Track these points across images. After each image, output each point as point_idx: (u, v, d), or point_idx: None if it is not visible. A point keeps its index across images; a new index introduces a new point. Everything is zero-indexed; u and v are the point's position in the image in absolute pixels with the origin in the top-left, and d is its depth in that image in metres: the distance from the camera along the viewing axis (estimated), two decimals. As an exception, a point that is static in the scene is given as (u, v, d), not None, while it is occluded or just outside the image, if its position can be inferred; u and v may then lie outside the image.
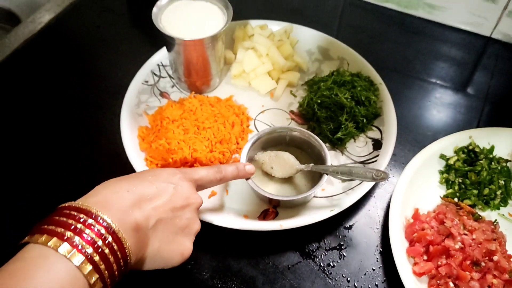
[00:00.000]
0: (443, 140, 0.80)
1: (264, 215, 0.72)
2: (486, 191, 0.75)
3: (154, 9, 0.79)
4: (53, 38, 0.99)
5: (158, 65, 0.90)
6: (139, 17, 1.07)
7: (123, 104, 0.82)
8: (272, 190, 0.73)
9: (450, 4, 0.99)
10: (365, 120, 0.81)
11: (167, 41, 0.80)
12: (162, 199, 0.55)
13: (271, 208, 0.73)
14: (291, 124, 0.85)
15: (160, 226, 0.54)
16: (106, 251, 0.46)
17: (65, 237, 0.44)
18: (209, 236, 0.71)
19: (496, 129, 0.81)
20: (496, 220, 0.72)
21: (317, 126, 0.81)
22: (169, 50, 0.82)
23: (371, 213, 0.75)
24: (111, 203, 0.49)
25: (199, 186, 0.62)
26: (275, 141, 0.77)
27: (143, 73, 0.88)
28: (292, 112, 0.87)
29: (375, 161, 0.78)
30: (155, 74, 0.89)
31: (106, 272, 0.46)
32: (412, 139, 0.84)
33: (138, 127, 0.81)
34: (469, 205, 0.74)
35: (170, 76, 0.90)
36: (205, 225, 0.69)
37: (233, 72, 0.89)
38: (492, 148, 0.80)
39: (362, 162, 0.79)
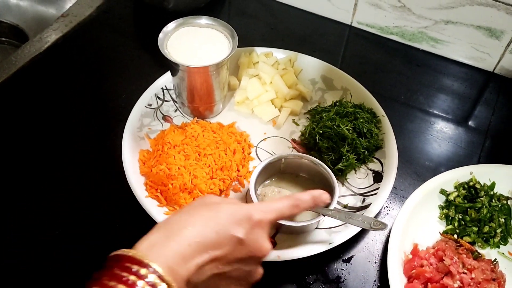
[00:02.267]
0: (444, 175, 0.80)
1: (262, 245, 0.72)
2: (486, 228, 0.74)
3: (160, 35, 0.79)
4: (59, 57, 1.00)
5: (162, 88, 0.90)
6: (146, 39, 1.08)
7: (126, 127, 0.82)
8: None
9: (453, 38, 1.00)
10: (366, 152, 0.81)
11: (171, 67, 0.81)
12: (223, 252, 0.50)
13: (270, 238, 0.73)
14: (292, 153, 0.85)
15: (212, 279, 0.50)
16: None
17: None
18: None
19: (497, 166, 0.81)
20: (495, 259, 0.71)
21: (319, 156, 0.81)
22: (173, 75, 0.83)
23: (370, 246, 0.75)
24: (169, 255, 0.47)
25: (276, 223, 0.58)
26: (270, 169, 0.77)
27: (147, 96, 0.88)
28: (293, 140, 0.87)
29: (376, 193, 0.77)
30: (159, 98, 0.89)
31: None
32: (413, 172, 0.84)
33: (139, 150, 0.81)
34: (469, 242, 0.73)
35: (173, 100, 0.90)
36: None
37: (236, 99, 0.89)
38: (493, 184, 0.80)
39: (362, 194, 0.79)
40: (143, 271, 0.44)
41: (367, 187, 0.79)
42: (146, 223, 0.71)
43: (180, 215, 0.51)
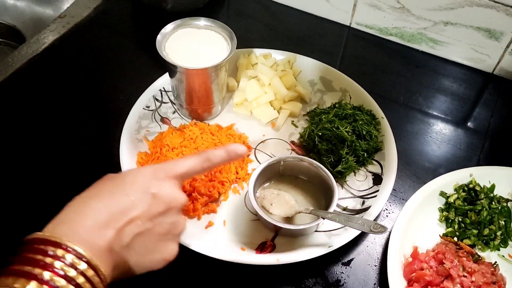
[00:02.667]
0: (444, 177, 0.79)
1: (261, 248, 0.72)
2: (486, 231, 0.74)
3: (158, 37, 0.79)
4: (57, 59, 0.99)
5: (160, 90, 0.90)
6: (144, 40, 1.07)
7: (124, 129, 0.82)
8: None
9: (453, 40, 1.00)
10: (365, 154, 0.81)
11: (170, 68, 0.80)
12: (139, 210, 0.50)
13: (269, 241, 0.72)
14: (291, 155, 0.84)
15: (137, 240, 0.50)
16: (80, 280, 0.44)
17: (34, 275, 0.42)
18: (204, 268, 0.70)
19: (496, 168, 0.81)
20: (496, 262, 0.71)
21: (318, 158, 0.81)
22: (171, 76, 0.82)
23: (370, 249, 0.74)
24: (80, 228, 0.46)
25: (186, 178, 0.58)
26: (269, 171, 0.77)
27: (145, 98, 0.87)
28: (292, 142, 0.86)
29: (375, 196, 0.77)
30: (157, 100, 0.89)
31: None
32: (412, 174, 0.84)
33: (137, 152, 0.80)
34: (469, 245, 0.73)
35: (171, 102, 0.89)
36: (200, 257, 0.68)
37: (235, 100, 0.89)
38: (493, 187, 0.79)
39: (361, 197, 0.78)
40: (59, 252, 0.44)
41: (367, 190, 0.79)
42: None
43: (85, 193, 0.51)
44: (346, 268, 0.72)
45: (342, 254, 0.73)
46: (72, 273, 0.43)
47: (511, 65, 0.99)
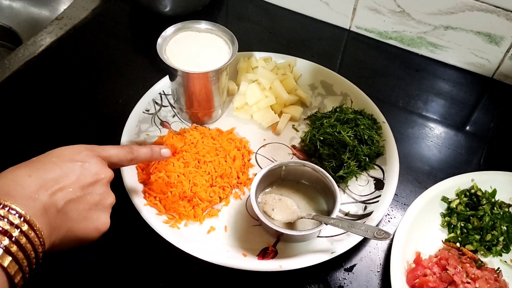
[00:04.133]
0: (445, 182, 0.79)
1: (263, 254, 0.71)
2: (488, 237, 0.74)
3: (159, 40, 0.78)
4: (54, 61, 0.98)
5: (160, 93, 0.89)
6: (143, 43, 1.06)
7: (123, 133, 0.81)
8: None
9: (453, 44, 1.00)
10: (367, 159, 0.80)
11: (170, 72, 0.79)
12: (69, 179, 0.54)
13: (271, 246, 0.72)
14: (293, 159, 0.84)
15: (70, 206, 0.53)
16: (23, 240, 0.45)
17: None
18: (205, 274, 0.69)
19: (498, 173, 0.81)
20: (499, 268, 0.71)
21: (319, 163, 0.80)
22: (171, 80, 0.82)
23: (372, 255, 0.74)
24: (15, 191, 0.48)
25: (110, 164, 0.61)
26: (271, 176, 0.76)
27: (145, 101, 0.87)
28: (294, 147, 0.86)
29: (377, 201, 0.77)
30: (157, 103, 0.88)
31: (24, 261, 0.45)
32: (414, 179, 0.84)
33: (137, 157, 0.79)
34: (471, 251, 0.73)
35: (171, 105, 0.89)
36: (202, 262, 0.68)
37: (235, 104, 0.88)
38: (494, 192, 0.79)
39: (363, 202, 0.78)
40: (2, 212, 0.45)
41: (369, 195, 0.79)
42: (144, 231, 0.71)
43: (15, 166, 0.53)
44: (348, 274, 0.72)
45: (344, 260, 0.73)
46: (15, 233, 0.44)
47: (511, 70, 0.99)
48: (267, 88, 0.88)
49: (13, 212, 0.46)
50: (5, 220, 0.45)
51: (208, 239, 0.73)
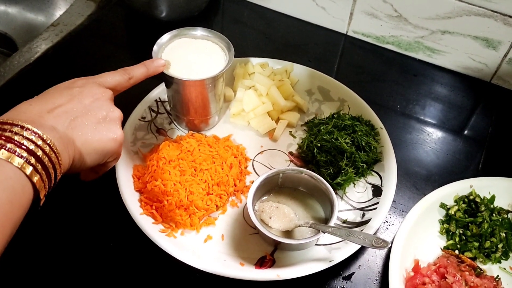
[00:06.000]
0: (444, 189, 0.79)
1: (260, 263, 0.70)
2: (487, 244, 0.73)
3: (155, 47, 0.77)
4: (50, 68, 0.97)
5: (156, 100, 0.88)
6: (139, 49, 1.06)
7: (119, 141, 0.80)
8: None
9: (450, 48, 1.00)
10: (365, 166, 0.80)
11: (166, 79, 0.79)
12: (70, 102, 0.58)
13: (268, 255, 0.71)
14: (290, 166, 0.83)
15: (77, 122, 0.57)
16: (39, 153, 0.49)
17: (10, 150, 0.47)
18: (202, 284, 0.69)
19: (496, 178, 0.80)
20: (498, 275, 0.70)
21: (317, 169, 0.80)
22: (168, 87, 0.81)
23: (370, 263, 0.73)
24: (26, 115, 0.53)
25: (106, 87, 0.64)
26: (268, 184, 0.76)
27: (140, 109, 0.86)
28: (291, 153, 0.85)
29: (375, 208, 0.76)
30: (153, 110, 0.87)
31: (43, 173, 0.49)
32: (412, 186, 0.83)
33: (133, 165, 0.79)
34: (470, 258, 0.72)
35: (168, 112, 0.88)
36: (199, 272, 0.67)
37: (232, 111, 0.88)
38: (493, 198, 0.79)
39: (361, 209, 0.77)
40: (17, 129, 0.49)
41: (367, 202, 0.78)
42: (141, 241, 0.70)
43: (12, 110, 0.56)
44: (347, 282, 0.71)
45: (342, 268, 0.72)
46: (31, 147, 0.49)
47: (509, 74, 0.98)
48: (264, 94, 0.88)
49: (28, 130, 0.50)
50: (23, 135, 0.49)
51: (205, 248, 0.72)
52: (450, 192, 0.78)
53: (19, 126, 0.50)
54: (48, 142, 0.51)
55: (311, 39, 1.09)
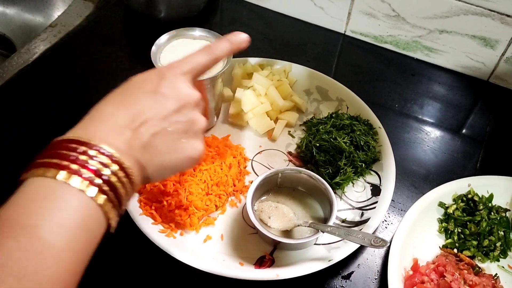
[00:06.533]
0: (442, 188, 0.79)
1: (260, 263, 0.70)
2: (486, 242, 0.74)
3: (153, 48, 0.78)
4: (48, 69, 0.98)
5: (154, 101, 0.88)
6: (138, 49, 1.06)
7: (118, 142, 0.80)
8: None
9: (448, 48, 1.00)
10: (363, 165, 0.80)
11: (165, 80, 0.79)
12: (151, 111, 0.49)
13: (268, 255, 0.71)
14: (289, 166, 0.84)
15: (156, 139, 0.50)
16: (113, 179, 0.44)
17: (73, 170, 0.42)
18: (202, 284, 0.69)
19: (494, 177, 0.81)
20: (496, 274, 0.71)
21: (315, 169, 0.80)
22: (166, 87, 0.81)
23: (369, 262, 0.74)
24: (99, 132, 0.47)
25: (196, 75, 0.56)
26: (267, 183, 0.76)
27: (139, 109, 0.86)
28: (290, 153, 0.86)
29: (374, 207, 0.76)
30: (152, 111, 0.87)
31: (115, 200, 0.44)
32: (410, 185, 0.83)
33: (132, 165, 0.79)
34: (469, 256, 0.73)
35: (166, 113, 0.88)
36: (198, 272, 0.67)
37: (231, 111, 0.88)
38: (491, 196, 0.79)
39: (360, 208, 0.78)
40: (92, 152, 0.43)
41: (365, 201, 0.78)
42: (140, 241, 0.70)
43: (98, 104, 0.51)
44: (346, 281, 0.71)
45: (341, 267, 0.72)
46: (105, 172, 0.43)
47: (506, 73, 0.99)
48: (262, 94, 0.88)
49: (104, 152, 0.44)
50: (97, 159, 0.43)
51: (205, 248, 0.72)
52: (449, 191, 0.79)
53: (96, 148, 0.44)
54: (124, 166, 0.45)
55: (310, 39, 1.09)
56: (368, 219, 0.75)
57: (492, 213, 0.77)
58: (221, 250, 0.72)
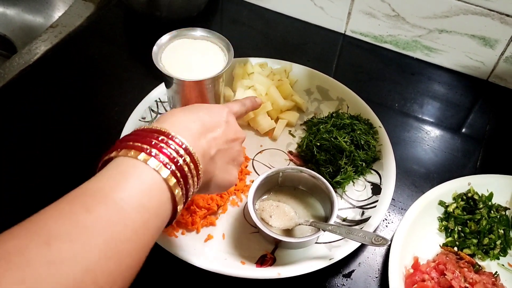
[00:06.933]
0: (442, 186, 0.79)
1: (261, 261, 0.71)
2: (486, 240, 0.74)
3: (154, 48, 0.78)
4: (49, 69, 0.98)
5: (156, 101, 0.89)
6: (139, 49, 1.06)
7: (120, 141, 0.80)
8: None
9: (447, 47, 1.00)
10: (364, 164, 0.80)
11: (166, 80, 0.79)
12: (219, 131, 0.58)
13: (269, 254, 0.72)
14: (289, 165, 0.84)
15: (218, 156, 0.58)
16: (186, 169, 0.49)
17: (152, 153, 0.47)
18: (204, 283, 0.69)
19: (494, 176, 0.81)
20: (496, 272, 0.71)
21: (316, 168, 0.80)
22: (167, 87, 0.81)
23: (370, 260, 0.74)
24: (183, 129, 0.52)
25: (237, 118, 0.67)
26: (268, 183, 0.77)
27: (141, 109, 0.86)
28: (290, 152, 0.86)
29: (375, 206, 0.77)
30: (153, 111, 0.88)
31: (184, 189, 0.49)
32: (411, 184, 0.84)
33: (134, 165, 0.79)
34: (469, 255, 0.73)
35: (167, 113, 0.88)
36: (200, 271, 0.68)
37: (231, 110, 0.88)
38: (491, 195, 0.80)
39: (361, 207, 0.78)
40: (170, 141, 0.49)
41: (366, 200, 0.79)
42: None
43: (180, 110, 0.57)
44: (347, 280, 0.72)
45: (342, 265, 0.73)
46: (180, 160, 0.49)
47: (506, 72, 0.99)
48: (263, 94, 0.88)
49: (181, 144, 0.50)
50: (173, 148, 0.49)
51: (206, 247, 0.72)
52: (449, 190, 0.79)
53: (176, 139, 0.50)
54: (197, 163, 0.51)
55: (310, 39, 1.10)
56: (369, 218, 0.75)
57: (492, 212, 0.77)
58: (222, 249, 0.72)
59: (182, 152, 0.49)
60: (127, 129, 0.83)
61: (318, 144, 0.81)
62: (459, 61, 1.02)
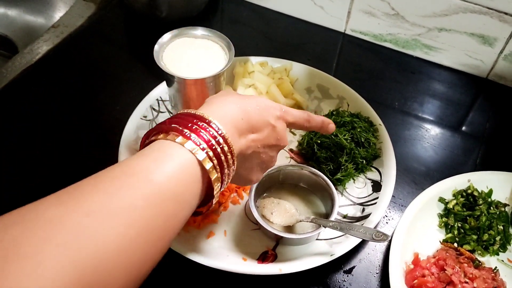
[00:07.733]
0: (442, 183, 0.80)
1: (263, 258, 0.71)
2: (485, 236, 0.75)
3: (156, 47, 0.78)
4: (51, 69, 0.98)
5: (157, 99, 0.89)
6: (140, 49, 1.07)
7: (121, 140, 0.81)
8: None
9: (447, 46, 1.01)
10: (364, 162, 0.81)
11: (167, 78, 0.80)
12: (261, 134, 0.58)
13: (270, 250, 0.72)
14: (290, 163, 0.84)
15: (251, 157, 0.59)
16: (222, 156, 0.51)
17: (189, 136, 0.49)
18: (206, 279, 0.70)
19: (494, 172, 0.82)
20: (496, 267, 0.72)
21: (317, 166, 0.81)
22: (169, 86, 0.82)
23: (371, 256, 0.74)
24: (228, 128, 0.53)
25: (288, 125, 0.64)
26: (269, 180, 0.77)
27: (142, 107, 0.87)
28: (291, 150, 0.86)
29: (375, 203, 0.77)
30: (154, 109, 0.88)
31: (219, 173, 0.51)
32: (411, 181, 0.84)
33: (136, 163, 0.80)
34: (469, 250, 0.73)
35: (169, 112, 0.89)
36: (202, 267, 0.68)
37: (232, 109, 0.89)
38: (491, 192, 0.80)
39: (361, 204, 0.78)
40: (209, 128, 0.51)
41: (366, 197, 0.79)
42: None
43: (231, 101, 0.57)
44: (347, 276, 0.72)
45: (343, 261, 0.73)
46: (218, 148, 0.51)
47: (505, 71, 1.00)
48: (264, 93, 0.89)
49: (218, 130, 0.51)
50: (211, 132, 0.51)
51: (208, 244, 0.73)
52: (449, 187, 0.80)
53: (209, 123, 0.52)
54: (232, 152, 0.53)
55: (310, 38, 1.10)
56: (369, 214, 0.76)
57: (492, 208, 0.78)
58: (224, 245, 0.73)
59: (220, 140, 0.51)
60: (128, 128, 0.83)
61: (319, 141, 0.81)
62: (458, 60, 1.02)
